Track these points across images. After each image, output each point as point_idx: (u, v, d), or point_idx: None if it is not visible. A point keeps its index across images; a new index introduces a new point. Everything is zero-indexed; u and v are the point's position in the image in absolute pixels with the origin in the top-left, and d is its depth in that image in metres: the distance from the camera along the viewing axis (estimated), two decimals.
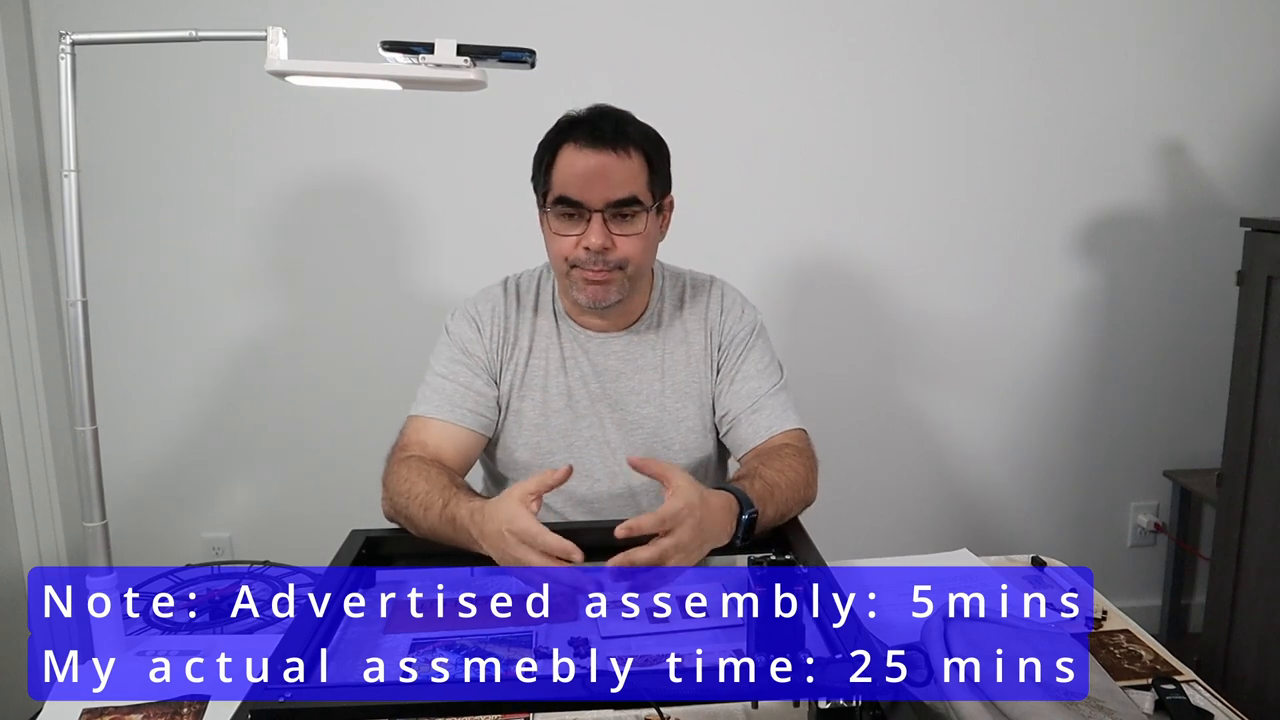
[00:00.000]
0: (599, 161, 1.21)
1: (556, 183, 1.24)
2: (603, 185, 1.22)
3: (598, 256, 1.23)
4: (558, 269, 1.29)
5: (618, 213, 1.23)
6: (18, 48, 1.98)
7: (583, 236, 1.23)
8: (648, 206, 1.25)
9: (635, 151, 1.24)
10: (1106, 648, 1.06)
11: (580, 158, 1.22)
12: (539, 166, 1.29)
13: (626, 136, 1.24)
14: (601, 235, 1.22)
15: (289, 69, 1.00)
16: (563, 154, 1.24)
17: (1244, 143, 2.34)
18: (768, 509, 1.16)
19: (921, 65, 2.23)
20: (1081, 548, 2.51)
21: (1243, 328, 1.92)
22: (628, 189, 1.23)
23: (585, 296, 1.27)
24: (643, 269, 1.30)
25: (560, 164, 1.24)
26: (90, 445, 1.03)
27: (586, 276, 1.25)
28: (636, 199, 1.24)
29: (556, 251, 1.27)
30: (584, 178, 1.21)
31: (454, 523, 1.11)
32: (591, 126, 1.23)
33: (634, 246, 1.25)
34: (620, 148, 1.23)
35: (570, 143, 1.24)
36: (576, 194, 1.22)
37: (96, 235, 2.05)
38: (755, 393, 1.34)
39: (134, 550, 2.12)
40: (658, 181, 1.28)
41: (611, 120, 1.25)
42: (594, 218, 1.22)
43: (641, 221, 1.25)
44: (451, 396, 1.31)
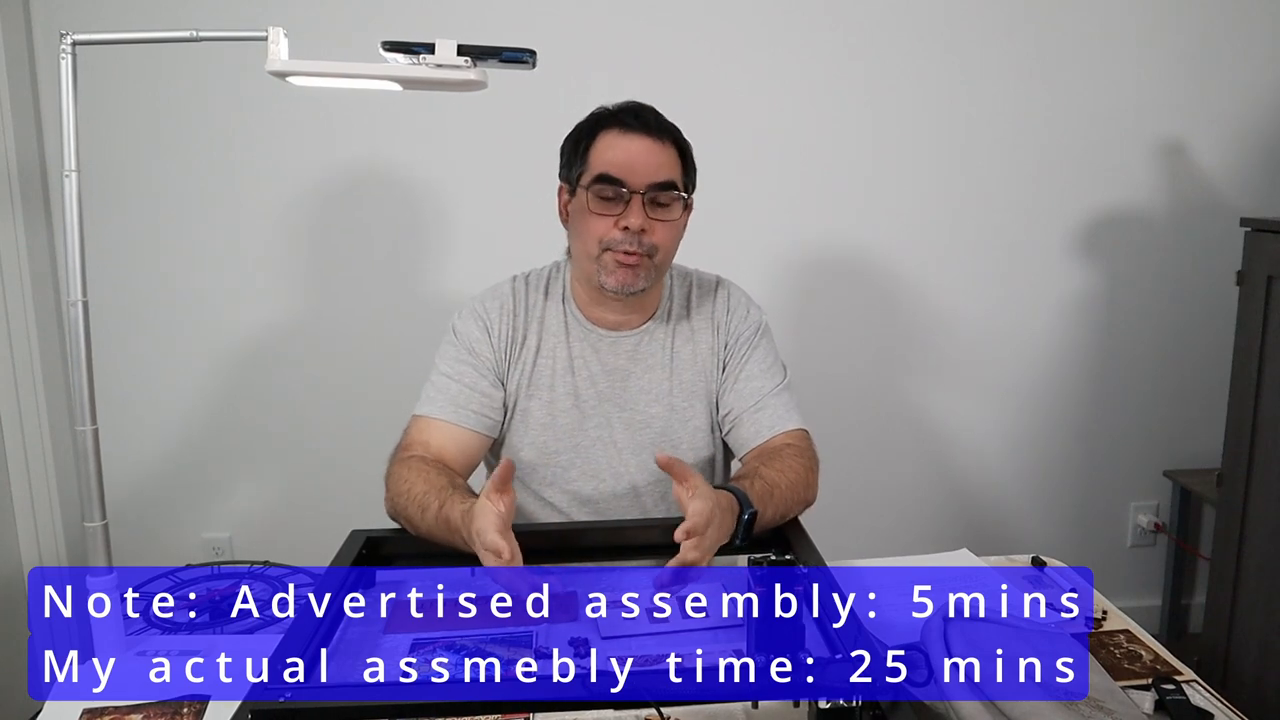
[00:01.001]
0: (642, 145, 1.25)
1: (597, 163, 1.25)
2: (645, 167, 1.24)
3: (634, 238, 1.24)
4: (588, 252, 1.28)
5: (655, 198, 1.25)
6: (18, 48, 1.98)
7: (622, 216, 1.24)
8: (682, 195, 1.28)
9: (671, 142, 1.28)
10: (1106, 648, 1.06)
11: (623, 140, 1.25)
12: (575, 151, 1.30)
13: (665, 128, 1.28)
14: (640, 216, 1.24)
15: (290, 69, 1.00)
16: (603, 138, 1.27)
17: (1244, 143, 2.34)
18: (767, 509, 1.16)
19: (922, 65, 2.23)
20: (1081, 548, 2.51)
21: (1243, 328, 1.92)
22: (668, 173, 1.26)
23: (614, 280, 1.26)
24: (668, 260, 1.32)
25: (600, 146, 1.26)
26: (90, 445, 1.03)
27: (619, 259, 1.25)
28: (674, 184, 1.27)
29: (590, 233, 1.27)
30: (628, 159, 1.24)
31: (448, 524, 1.12)
32: (634, 114, 1.27)
33: (667, 234, 1.28)
34: (661, 136, 1.27)
35: (612, 128, 1.27)
36: (620, 174, 1.24)
37: (96, 235, 2.05)
38: (758, 392, 1.34)
39: (134, 550, 2.12)
40: (688, 176, 1.31)
41: (651, 112, 1.30)
42: (634, 199, 1.24)
43: (676, 210, 1.28)
44: (456, 397, 1.30)
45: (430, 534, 1.17)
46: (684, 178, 1.30)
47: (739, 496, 1.12)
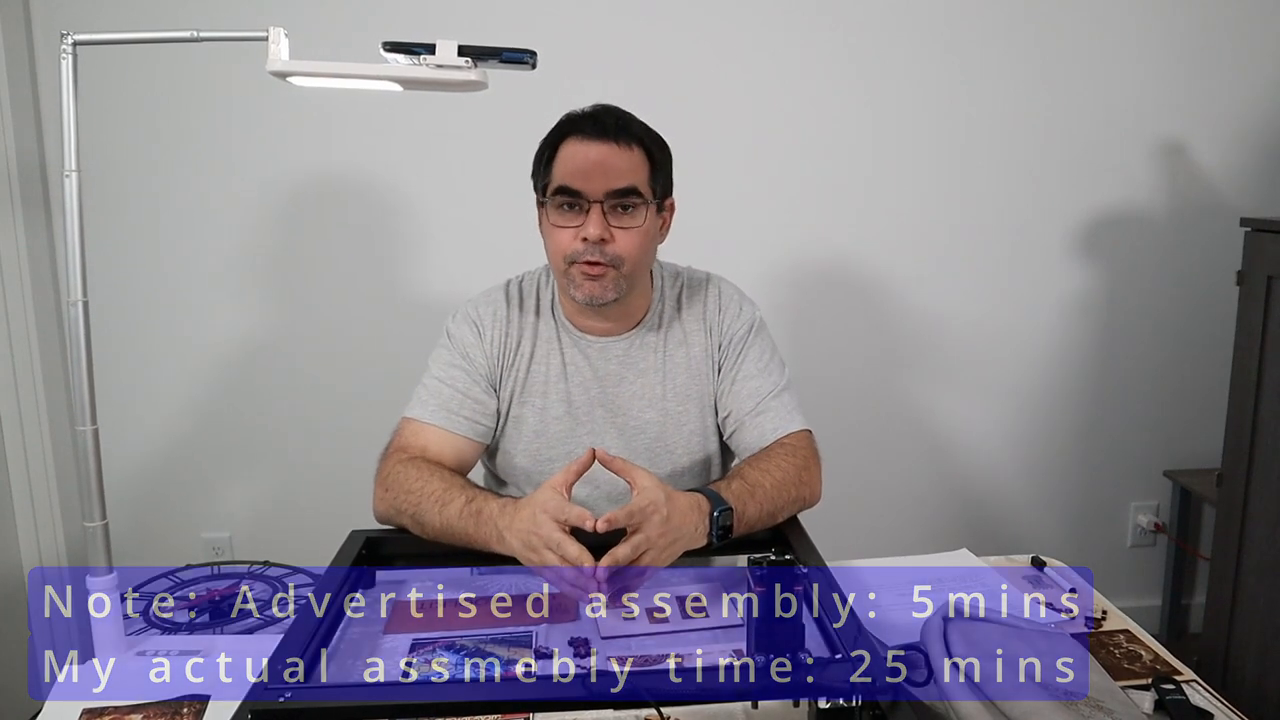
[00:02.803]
0: (600, 152, 1.21)
1: (557, 174, 1.23)
2: (603, 176, 1.21)
3: (595, 248, 1.21)
4: (556, 267, 1.27)
5: (617, 204, 1.22)
6: (18, 48, 1.98)
7: (581, 228, 1.22)
8: (648, 200, 1.25)
9: (636, 145, 1.24)
10: (1106, 648, 1.06)
11: (582, 149, 1.22)
12: (540, 162, 1.28)
13: (629, 131, 1.24)
14: (600, 226, 1.21)
15: (290, 69, 1.00)
16: (564, 146, 1.24)
17: (1244, 143, 2.34)
18: (748, 508, 1.15)
19: (921, 66, 2.24)
20: (1081, 548, 2.51)
21: (1243, 328, 1.92)
22: (628, 179, 1.22)
23: (582, 293, 1.24)
24: (639, 269, 1.28)
25: (562, 156, 1.24)
26: (90, 445, 1.03)
27: (583, 270, 1.23)
28: (636, 190, 1.23)
29: (555, 247, 1.25)
30: (585, 168, 1.21)
31: (479, 516, 1.11)
32: (594, 120, 1.24)
33: (631, 242, 1.23)
34: (622, 140, 1.23)
35: (572, 135, 1.24)
36: (577, 184, 1.21)
37: (96, 235, 2.04)
38: (757, 393, 1.32)
39: (134, 550, 2.12)
40: (659, 179, 1.27)
41: (614, 115, 1.26)
42: (593, 209, 1.21)
43: (641, 215, 1.24)
44: (448, 402, 1.29)
45: (446, 529, 1.15)
46: (652, 182, 1.25)
47: (709, 496, 1.12)
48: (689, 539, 1.08)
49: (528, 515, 1.04)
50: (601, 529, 0.98)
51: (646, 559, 1.01)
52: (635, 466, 1.08)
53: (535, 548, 1.03)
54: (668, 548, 1.04)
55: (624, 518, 1.00)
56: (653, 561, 1.02)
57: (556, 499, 1.03)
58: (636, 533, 1.01)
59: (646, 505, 1.02)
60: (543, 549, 1.02)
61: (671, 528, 1.04)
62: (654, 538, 1.01)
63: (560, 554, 1.00)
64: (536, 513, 1.03)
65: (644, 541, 1.01)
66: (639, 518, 1.01)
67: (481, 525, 1.11)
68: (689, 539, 1.08)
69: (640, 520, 1.01)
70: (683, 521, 1.06)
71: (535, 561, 1.03)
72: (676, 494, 1.08)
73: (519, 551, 1.05)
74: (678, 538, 1.05)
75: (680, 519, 1.05)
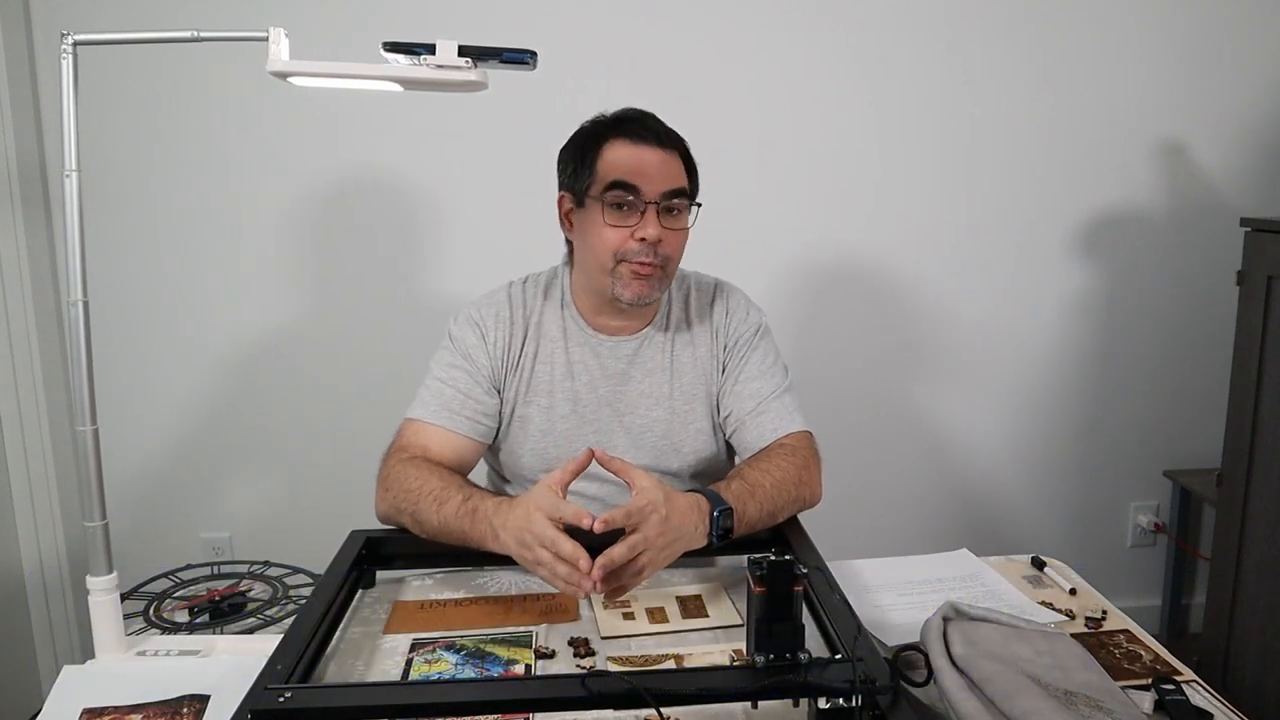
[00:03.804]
0: (652, 154, 1.25)
1: (608, 172, 1.24)
2: (660, 177, 1.24)
3: (650, 249, 1.24)
4: (601, 265, 1.26)
5: (667, 206, 1.25)
6: (18, 48, 1.99)
7: (637, 227, 1.24)
8: (690, 203, 1.29)
9: (676, 150, 1.28)
10: (1106, 648, 1.06)
11: (635, 150, 1.25)
12: (580, 161, 1.28)
13: (670, 137, 1.28)
14: (657, 226, 1.24)
15: (290, 70, 1.00)
16: (611, 147, 1.26)
17: (1244, 143, 2.34)
18: (749, 508, 1.16)
19: (923, 66, 2.24)
20: (1081, 548, 2.51)
21: (1243, 328, 1.92)
22: (678, 181, 1.26)
23: (630, 292, 1.25)
24: (676, 269, 1.32)
25: (610, 156, 1.26)
26: (90, 445, 1.03)
27: (635, 270, 1.24)
28: (685, 191, 1.27)
29: (604, 245, 1.25)
30: (641, 168, 1.24)
31: (475, 514, 1.11)
32: (640, 123, 1.27)
33: (678, 242, 1.28)
34: (666, 144, 1.27)
35: (619, 137, 1.26)
36: (636, 181, 1.23)
37: (96, 235, 2.05)
38: (758, 394, 1.33)
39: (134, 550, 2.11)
40: (694, 182, 1.31)
41: (655, 120, 1.30)
42: (649, 209, 1.24)
43: (686, 218, 1.29)
44: (449, 403, 1.30)
45: (444, 527, 1.15)
46: (690, 185, 1.30)
47: (709, 496, 1.12)
48: (688, 539, 1.07)
49: (522, 513, 1.04)
50: (599, 529, 0.98)
51: (644, 559, 1.01)
52: (634, 467, 1.09)
53: (529, 545, 1.02)
54: (665, 548, 1.04)
55: (622, 518, 1.00)
56: (650, 561, 1.02)
57: (551, 497, 1.03)
58: (634, 533, 1.01)
59: (645, 505, 1.02)
60: (536, 546, 1.01)
61: (670, 528, 1.04)
62: (651, 538, 1.01)
63: (554, 550, 1.00)
64: (531, 510, 1.03)
65: (641, 541, 1.01)
66: (637, 518, 1.01)
67: (477, 523, 1.11)
68: (688, 539, 1.07)
69: (638, 520, 1.01)
70: (681, 522, 1.06)
71: (529, 559, 1.03)
72: (675, 494, 1.08)
73: (513, 549, 1.05)
74: (676, 538, 1.05)
75: (679, 519, 1.06)
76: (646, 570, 1.02)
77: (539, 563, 1.02)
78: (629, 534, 1.01)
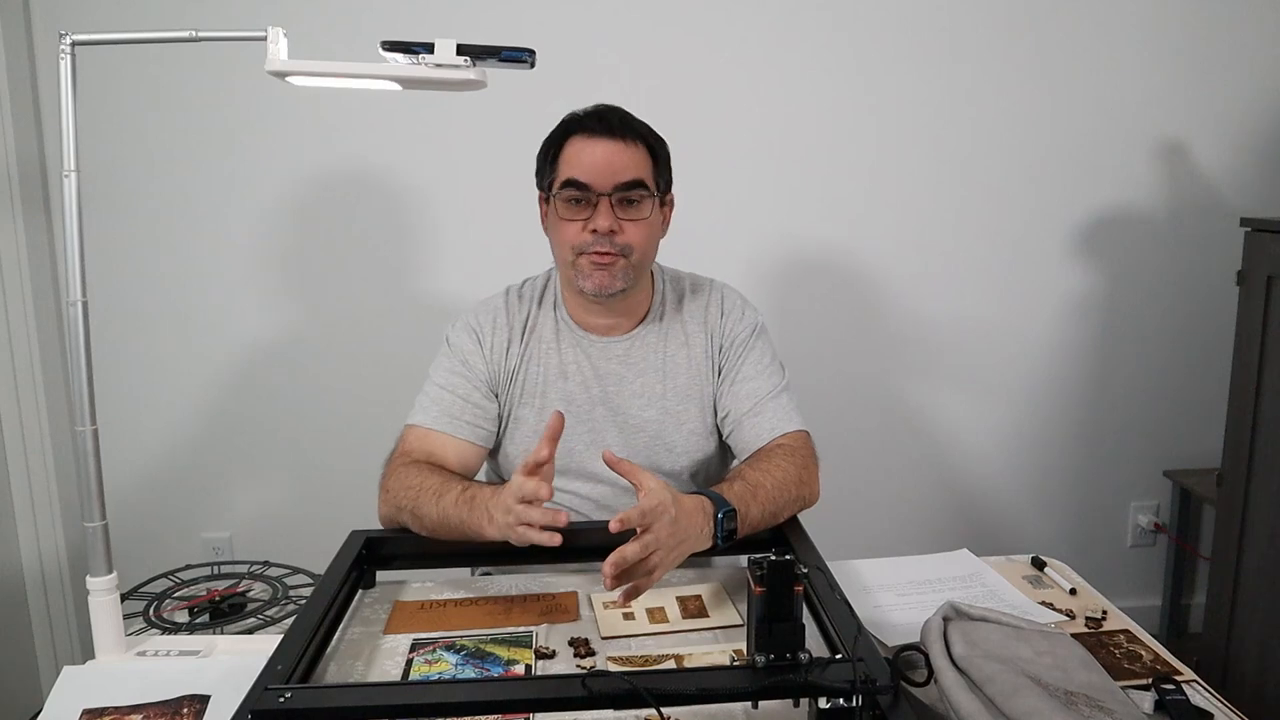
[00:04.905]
0: (606, 148, 1.26)
1: (563, 170, 1.27)
2: (610, 170, 1.25)
3: (604, 239, 1.25)
4: (564, 259, 1.30)
5: (624, 198, 1.26)
6: (18, 48, 1.98)
7: (590, 220, 1.26)
8: (652, 193, 1.29)
9: (640, 141, 1.29)
10: (1106, 648, 1.06)
11: (588, 145, 1.26)
12: (545, 159, 1.32)
13: (631, 128, 1.29)
14: (609, 217, 1.25)
15: (289, 69, 1.00)
16: (570, 144, 1.28)
17: (1244, 143, 2.34)
18: (751, 509, 1.16)
19: (922, 66, 2.23)
20: (1081, 548, 2.51)
21: (1243, 328, 1.92)
22: (633, 173, 1.27)
23: (591, 284, 1.27)
24: (646, 259, 1.32)
25: (568, 152, 1.28)
26: (90, 445, 1.03)
27: (593, 260, 1.26)
28: (642, 182, 1.27)
29: (562, 240, 1.28)
30: (592, 163, 1.25)
31: (473, 501, 1.13)
32: (598, 118, 1.28)
33: (639, 233, 1.28)
34: (626, 137, 1.27)
35: (578, 133, 1.28)
36: (585, 177, 1.25)
37: (96, 235, 2.04)
38: (755, 394, 1.33)
39: (134, 550, 2.11)
40: (660, 173, 1.32)
41: (617, 113, 1.30)
42: (601, 202, 1.25)
43: (647, 208, 1.29)
44: (449, 408, 1.31)
45: (443, 519, 1.16)
46: (655, 176, 1.30)
47: (712, 498, 1.12)
48: (695, 541, 1.08)
49: (506, 490, 1.07)
50: (614, 529, 0.98)
51: (654, 559, 1.01)
52: (641, 469, 1.08)
53: (509, 508, 1.04)
54: (675, 548, 1.04)
55: (636, 517, 1.00)
56: (661, 561, 1.02)
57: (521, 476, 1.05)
58: (646, 532, 1.01)
59: (656, 505, 1.02)
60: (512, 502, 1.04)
61: (679, 529, 1.04)
62: (663, 538, 1.01)
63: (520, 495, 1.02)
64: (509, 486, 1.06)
65: (653, 541, 1.01)
66: (650, 517, 1.01)
67: (474, 510, 1.12)
68: (695, 541, 1.08)
69: (651, 520, 1.01)
70: (689, 523, 1.06)
71: (511, 523, 1.04)
72: (682, 496, 1.08)
73: (500, 524, 1.07)
74: (685, 539, 1.06)
75: (687, 521, 1.06)
76: (658, 570, 1.02)
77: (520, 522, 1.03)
78: (641, 534, 1.01)
